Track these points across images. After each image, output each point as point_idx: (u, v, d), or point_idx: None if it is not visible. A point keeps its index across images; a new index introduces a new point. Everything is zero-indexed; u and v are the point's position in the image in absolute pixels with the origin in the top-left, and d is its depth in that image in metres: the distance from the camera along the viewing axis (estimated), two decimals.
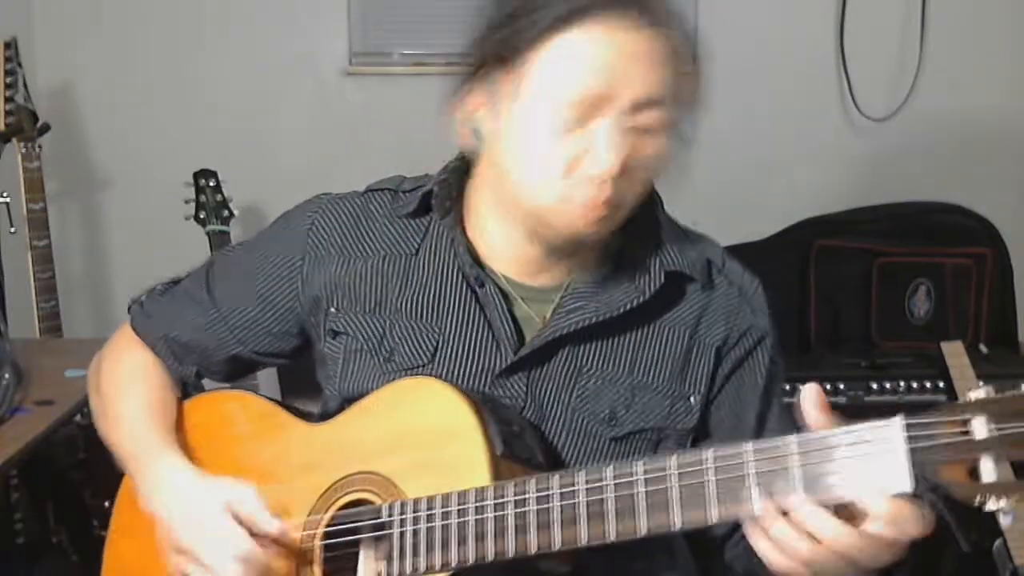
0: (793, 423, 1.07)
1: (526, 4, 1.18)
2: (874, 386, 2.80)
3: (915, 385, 2.81)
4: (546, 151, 1.19)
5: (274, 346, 1.43)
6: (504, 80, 1.21)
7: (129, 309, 1.50)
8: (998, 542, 2.49)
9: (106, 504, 2.50)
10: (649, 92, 1.18)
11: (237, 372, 1.50)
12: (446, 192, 1.34)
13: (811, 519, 1.00)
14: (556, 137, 1.18)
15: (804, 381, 0.99)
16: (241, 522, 1.24)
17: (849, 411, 1.02)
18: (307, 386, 1.58)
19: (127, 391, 1.43)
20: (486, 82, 1.23)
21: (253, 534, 1.24)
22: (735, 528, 1.31)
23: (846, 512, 1.01)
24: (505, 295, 1.31)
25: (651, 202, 1.34)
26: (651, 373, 1.31)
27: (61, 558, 2.53)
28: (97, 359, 1.51)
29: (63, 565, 2.52)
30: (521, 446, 1.22)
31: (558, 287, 1.32)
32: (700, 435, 1.34)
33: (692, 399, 1.31)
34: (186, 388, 1.47)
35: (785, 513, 1.01)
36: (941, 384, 2.79)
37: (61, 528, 2.54)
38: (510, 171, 1.23)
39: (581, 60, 1.16)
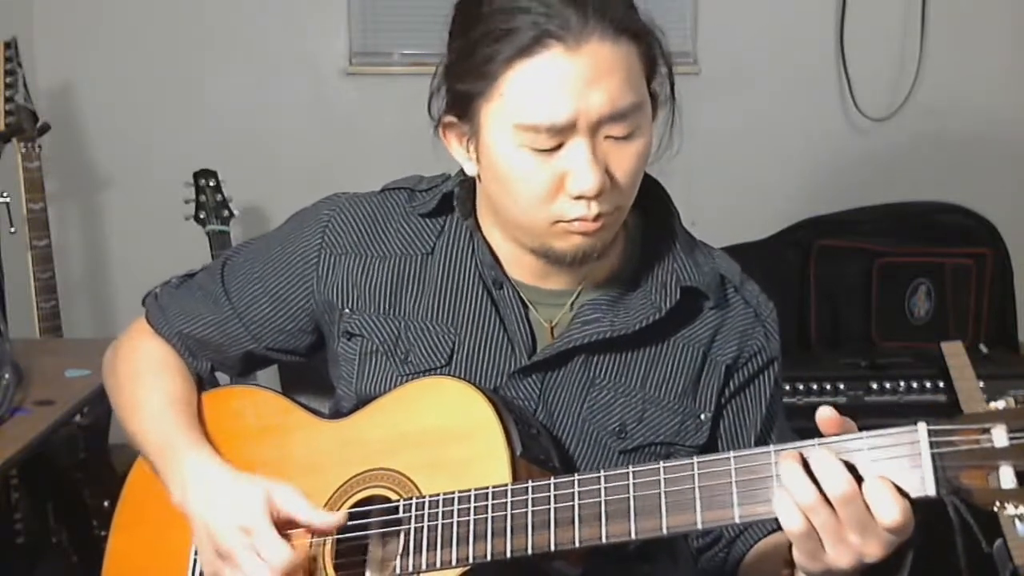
0: None
1: (487, 35, 1.17)
2: (874, 386, 2.78)
3: (915, 385, 2.79)
4: (529, 177, 1.18)
5: (288, 343, 1.42)
6: (475, 112, 1.20)
7: (144, 302, 1.50)
8: (998, 542, 2.49)
9: (106, 504, 2.50)
10: (621, 102, 1.16)
11: (252, 368, 1.49)
12: (467, 193, 1.34)
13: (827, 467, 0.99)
14: (535, 161, 1.18)
15: (804, 381, 0.99)
16: (280, 518, 1.22)
17: (849, 411, 1.02)
18: (308, 382, 1.58)
19: (148, 382, 1.41)
20: (461, 115, 1.23)
21: (287, 531, 1.22)
22: (714, 541, 1.34)
23: None
24: (520, 298, 1.31)
25: (668, 214, 1.34)
26: (663, 389, 1.31)
27: (61, 558, 2.52)
28: (113, 347, 1.49)
29: (63, 565, 2.52)
30: (538, 448, 1.22)
31: (569, 291, 1.32)
32: (704, 451, 1.33)
33: (702, 416, 1.32)
34: (201, 382, 1.46)
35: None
36: (941, 384, 2.78)
37: (61, 528, 2.54)
38: (500, 200, 1.24)
39: (548, 83, 1.15)
